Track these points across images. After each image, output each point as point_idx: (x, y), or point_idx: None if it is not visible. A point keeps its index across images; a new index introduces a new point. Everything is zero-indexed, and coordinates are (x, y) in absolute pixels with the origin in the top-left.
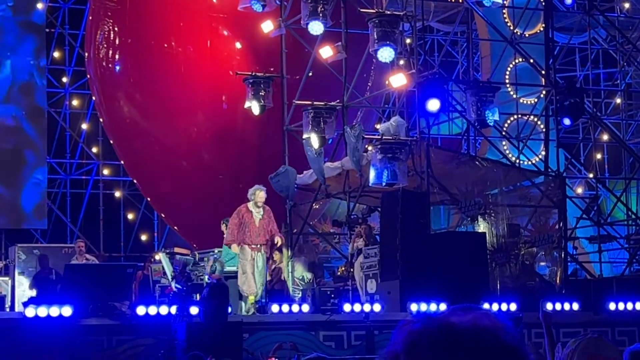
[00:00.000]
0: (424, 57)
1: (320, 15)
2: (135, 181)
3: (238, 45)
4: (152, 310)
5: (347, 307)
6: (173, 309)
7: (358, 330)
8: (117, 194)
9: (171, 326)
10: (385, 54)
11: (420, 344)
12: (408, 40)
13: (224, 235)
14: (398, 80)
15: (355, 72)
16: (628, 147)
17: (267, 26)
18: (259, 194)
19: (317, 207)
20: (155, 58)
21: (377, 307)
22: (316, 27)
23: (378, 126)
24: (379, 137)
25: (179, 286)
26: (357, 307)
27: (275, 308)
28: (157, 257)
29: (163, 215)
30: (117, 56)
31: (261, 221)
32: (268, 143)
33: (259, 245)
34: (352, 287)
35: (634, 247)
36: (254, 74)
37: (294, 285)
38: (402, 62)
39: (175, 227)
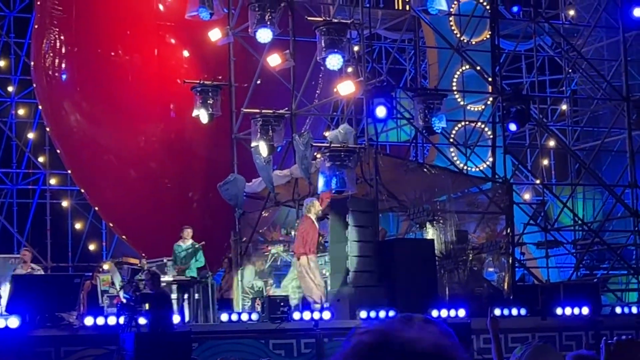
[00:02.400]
0: (371, 65)
1: (268, 23)
2: (82, 190)
3: (186, 53)
4: (100, 320)
5: (296, 315)
6: (121, 319)
7: (308, 338)
8: (65, 203)
9: (119, 337)
10: (334, 61)
11: (370, 358)
12: (356, 48)
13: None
14: (346, 88)
15: (304, 79)
16: (574, 153)
17: (215, 34)
18: (317, 205)
19: (266, 215)
20: (102, 66)
21: (326, 315)
22: (264, 35)
23: (327, 134)
24: (328, 144)
25: (127, 296)
26: (306, 315)
27: (224, 317)
28: (105, 267)
29: (111, 225)
30: (63, 65)
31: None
32: (216, 151)
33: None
34: (302, 295)
35: (580, 252)
36: (202, 82)
37: (243, 294)
38: (350, 69)
39: (124, 237)
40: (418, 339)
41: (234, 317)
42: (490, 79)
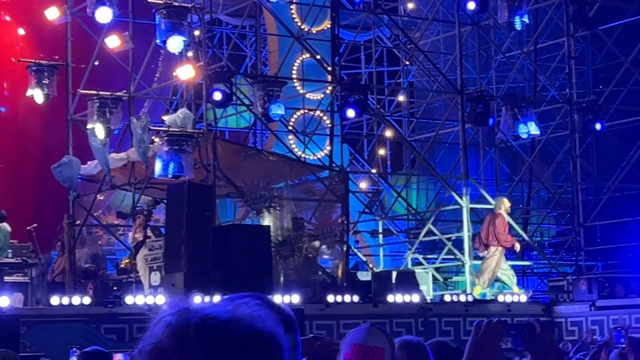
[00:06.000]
0: (212, 50)
1: (107, 3)
2: None
3: (21, 31)
4: None
5: (129, 300)
6: None
7: (140, 323)
8: None
9: None
10: (174, 44)
11: (184, 338)
12: (196, 33)
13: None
14: (186, 72)
15: (143, 62)
16: (409, 144)
17: (52, 13)
18: (507, 202)
19: (101, 198)
20: None
21: (160, 300)
22: (103, 15)
23: (165, 118)
24: (166, 128)
25: None
26: (139, 300)
27: (55, 300)
28: None
29: None
30: None
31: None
32: (51, 132)
33: None
34: (136, 280)
35: (412, 240)
36: (37, 61)
37: (76, 278)
38: (190, 54)
39: None
40: (233, 316)
41: (65, 300)
42: (329, 69)
